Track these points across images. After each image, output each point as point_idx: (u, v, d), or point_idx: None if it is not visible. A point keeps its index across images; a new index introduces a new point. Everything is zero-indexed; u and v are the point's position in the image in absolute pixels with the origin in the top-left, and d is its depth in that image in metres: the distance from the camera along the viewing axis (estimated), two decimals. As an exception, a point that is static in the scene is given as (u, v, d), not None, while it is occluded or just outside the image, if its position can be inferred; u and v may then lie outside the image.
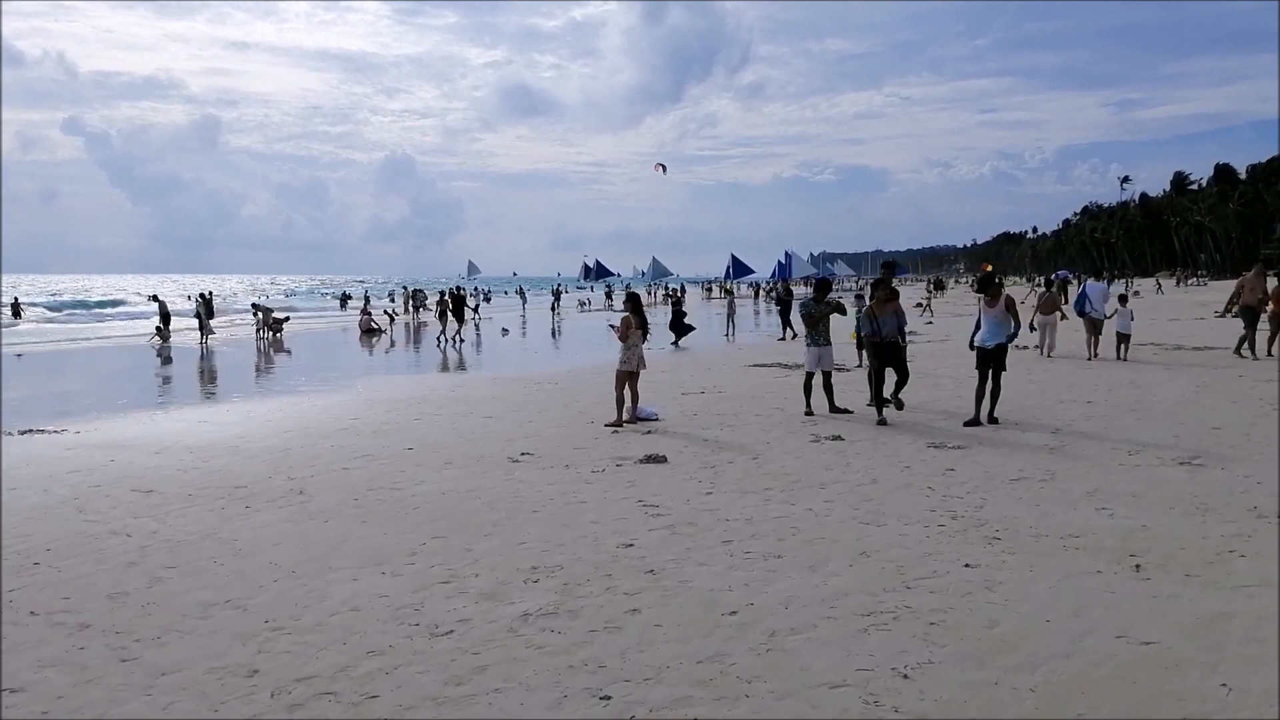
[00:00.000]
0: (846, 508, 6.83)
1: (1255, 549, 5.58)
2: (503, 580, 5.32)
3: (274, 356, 25.91)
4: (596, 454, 9.21)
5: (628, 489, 7.60)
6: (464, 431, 10.81)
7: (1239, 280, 19.00)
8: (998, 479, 7.66)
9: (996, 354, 10.73)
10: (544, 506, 7.07)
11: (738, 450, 9.27)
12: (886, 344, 10.82)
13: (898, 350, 10.95)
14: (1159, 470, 7.85)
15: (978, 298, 11.15)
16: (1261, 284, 17.76)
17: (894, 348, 10.87)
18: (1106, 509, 6.60)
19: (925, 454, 8.83)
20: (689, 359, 20.84)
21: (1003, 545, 5.78)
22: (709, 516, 6.65)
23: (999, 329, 10.80)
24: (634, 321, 11.21)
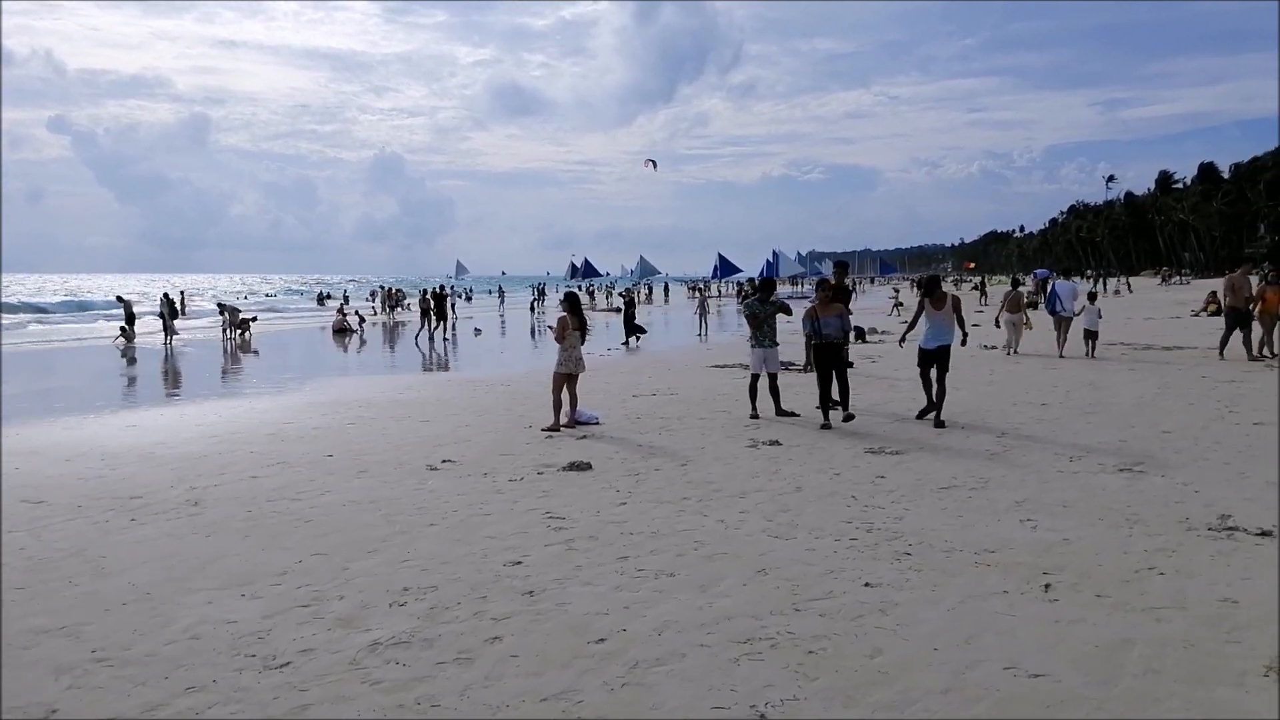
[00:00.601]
0: (760, 519, 6.47)
1: (1176, 565, 5.24)
2: (367, 603, 4.94)
3: (236, 357, 25.42)
4: (521, 461, 8.83)
5: (539, 499, 7.22)
6: (394, 437, 10.41)
7: (1226, 279, 18.16)
8: (927, 487, 7.31)
9: (939, 355, 10.41)
10: (444, 519, 6.69)
11: (668, 456, 8.90)
12: (827, 346, 10.41)
13: (838, 353, 10.50)
14: (1097, 478, 7.52)
15: (922, 299, 10.74)
16: (1248, 284, 17.06)
17: (834, 350, 10.43)
18: (1031, 520, 6.25)
19: (860, 460, 8.49)
20: (650, 360, 20.47)
21: (911, 561, 5.43)
22: (613, 530, 6.28)
23: (944, 331, 10.47)
24: (571, 322, 10.82)
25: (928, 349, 10.50)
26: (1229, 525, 5.96)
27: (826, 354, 10.22)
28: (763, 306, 11.38)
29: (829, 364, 10.18)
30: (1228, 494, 6.83)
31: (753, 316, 11.34)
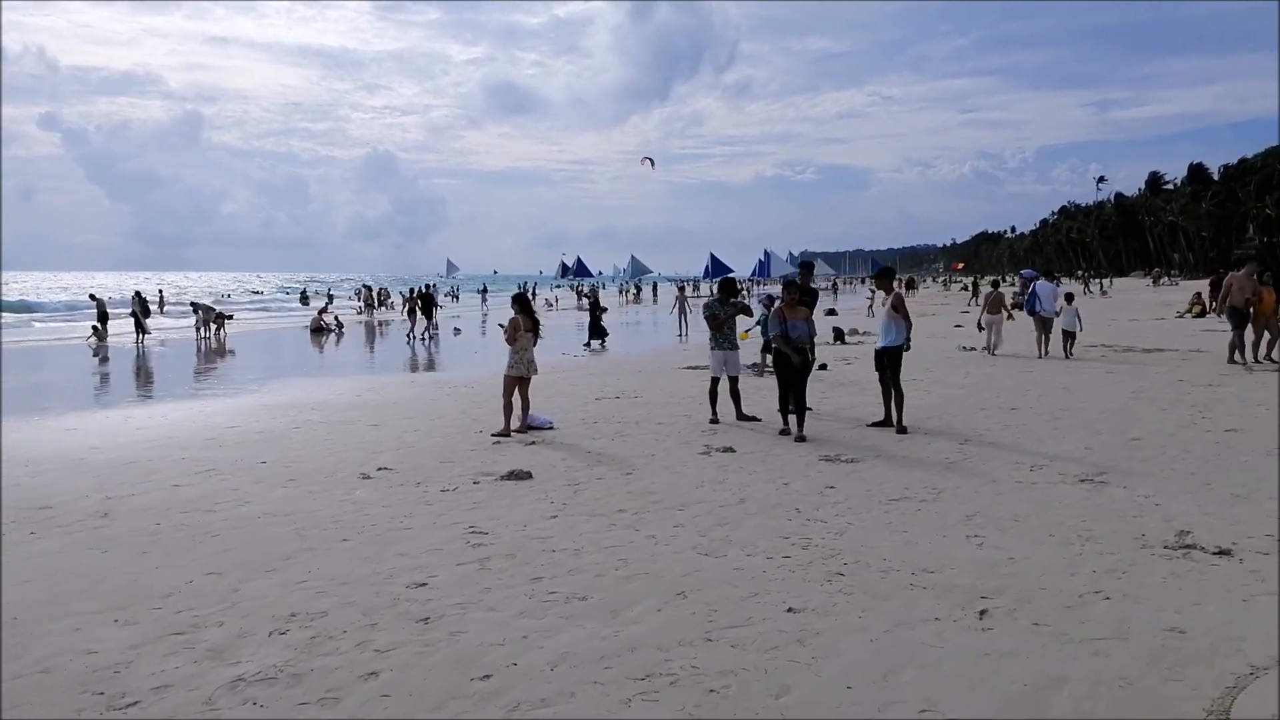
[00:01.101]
0: (694, 534, 6.09)
1: (1125, 588, 4.88)
2: (245, 631, 4.54)
3: (205, 357, 24.96)
4: (460, 469, 8.43)
5: (467, 512, 6.83)
6: (336, 442, 10.01)
7: (1226, 279, 17.14)
8: (876, 499, 6.95)
9: (888, 356, 10.06)
10: (360, 534, 6.30)
11: (615, 464, 8.52)
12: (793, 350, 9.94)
13: (804, 359, 9.95)
14: (1055, 489, 7.16)
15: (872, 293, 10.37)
16: (1251, 283, 15.96)
17: (800, 354, 9.91)
18: (978, 537, 5.89)
19: (813, 468, 8.12)
20: (623, 361, 20.08)
21: (843, 583, 5.06)
22: (535, 547, 5.89)
23: (886, 330, 10.13)
24: (522, 323, 10.43)
25: (876, 350, 10.23)
26: (1186, 543, 5.60)
27: (789, 360, 9.77)
28: (723, 308, 11.01)
29: (793, 369, 9.76)
30: (1189, 508, 6.48)
31: (713, 318, 10.96)
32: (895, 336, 10.09)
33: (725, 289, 11.31)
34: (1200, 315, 31.04)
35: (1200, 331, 24.16)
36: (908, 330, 10.14)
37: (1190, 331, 24.41)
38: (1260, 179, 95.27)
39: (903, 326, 10.12)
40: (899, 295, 10.17)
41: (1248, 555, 5.37)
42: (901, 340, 10.13)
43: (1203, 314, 31.24)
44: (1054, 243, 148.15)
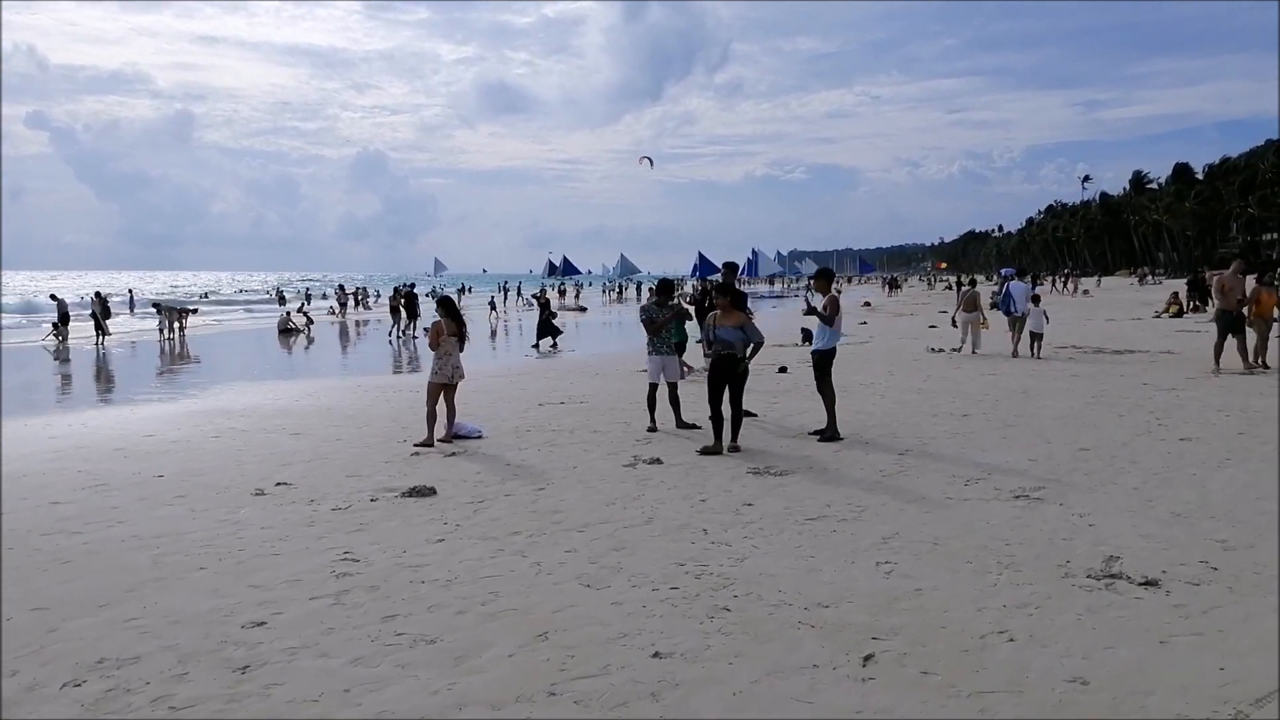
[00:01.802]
0: (584, 561, 5.59)
1: (1033, 628, 4.40)
2: (37, 683, 4.02)
3: (160, 359, 24.34)
4: (365, 484, 7.91)
5: (349, 535, 6.31)
6: (247, 453, 9.46)
7: (1217, 279, 15.93)
8: (793, 518, 6.46)
9: (815, 360, 9.59)
10: (221, 561, 5.77)
11: (530, 478, 8.01)
12: (722, 359, 9.23)
13: (735, 366, 9.24)
14: (985, 507, 6.69)
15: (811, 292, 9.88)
16: (1240, 284, 14.86)
17: (730, 363, 9.23)
18: (889, 564, 5.41)
19: (737, 483, 7.63)
20: (581, 364, 19.54)
21: (727, 620, 4.56)
22: (405, 577, 5.38)
23: (821, 333, 9.65)
24: (446, 327, 9.90)
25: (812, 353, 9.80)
26: (1112, 572, 5.13)
27: (722, 367, 9.28)
28: (660, 310, 10.51)
29: (724, 378, 9.17)
30: (1124, 529, 6.01)
31: (649, 321, 10.46)
32: (829, 339, 9.62)
33: (662, 290, 10.80)
34: (1178, 315, 30.74)
35: (1175, 332, 23.81)
36: (827, 333, 9.65)
37: (1165, 332, 24.06)
38: (1244, 178, 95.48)
39: (837, 330, 9.66)
40: (834, 298, 9.67)
41: (1175, 586, 4.91)
42: (835, 343, 9.66)
43: (1180, 314, 30.95)
44: (1040, 242, 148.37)
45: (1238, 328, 14.64)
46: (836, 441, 9.34)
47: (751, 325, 9.31)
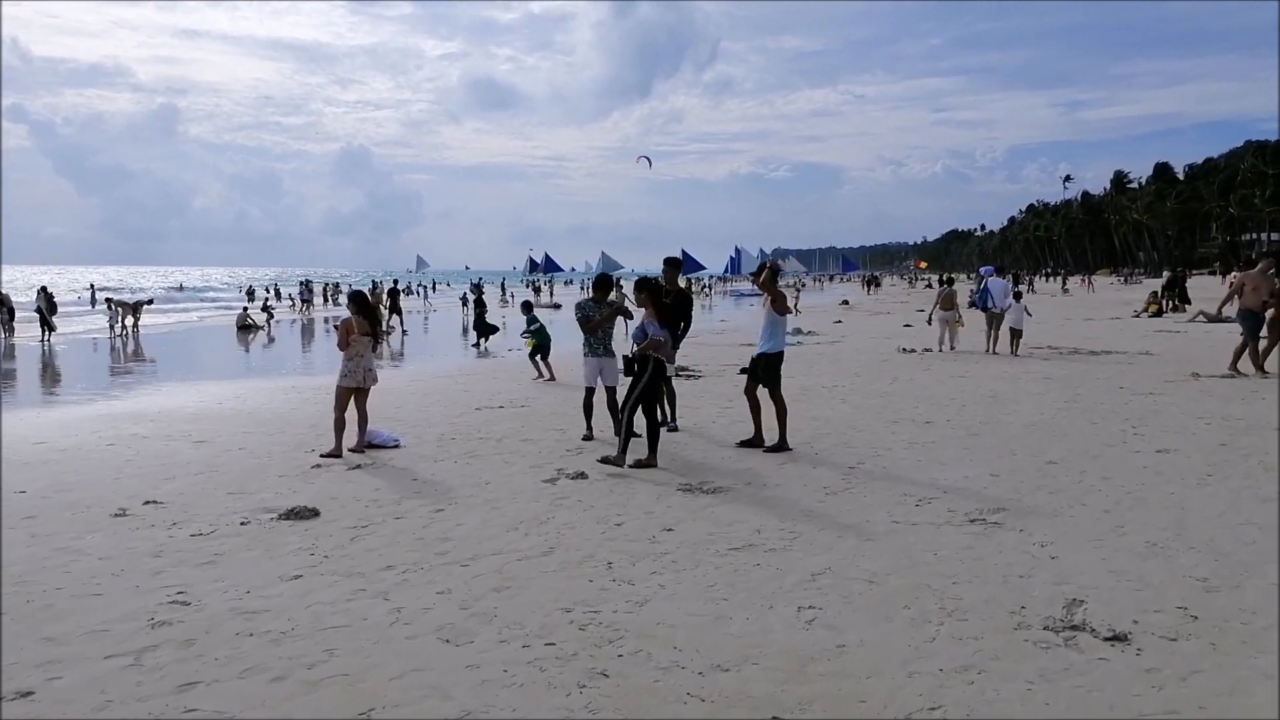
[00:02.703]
0: (455, 606, 4.72)
1: (972, 702, 3.57)
2: None
3: (102, 357, 23.27)
4: (246, 503, 7.00)
5: (195, 569, 5.41)
6: (133, 465, 8.52)
7: (1238, 277, 15.04)
8: (715, 548, 5.61)
9: (766, 363, 8.73)
10: (30, 602, 4.85)
11: (433, 497, 7.13)
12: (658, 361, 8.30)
13: (662, 373, 8.37)
14: (936, 533, 5.87)
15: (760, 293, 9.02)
16: (1269, 283, 13.61)
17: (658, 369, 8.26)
18: (814, 609, 4.57)
19: (662, 503, 6.78)
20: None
21: (599, 689, 3.71)
22: (236, 626, 4.49)
23: (767, 333, 8.80)
24: (356, 326, 8.98)
25: (753, 356, 8.90)
26: (1074, 622, 4.31)
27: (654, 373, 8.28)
28: (597, 308, 9.64)
29: (654, 386, 8.19)
30: (1091, 563, 5.20)
31: (585, 320, 9.58)
32: (777, 341, 8.79)
33: (600, 287, 9.92)
34: (1157, 315, 30.18)
35: (1154, 333, 23.19)
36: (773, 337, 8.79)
37: (1143, 332, 23.44)
38: (1224, 178, 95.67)
39: (782, 329, 8.83)
40: (781, 293, 8.82)
41: (1148, 642, 4.09)
42: (783, 346, 8.84)
43: (1159, 314, 30.39)
44: (1021, 241, 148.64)
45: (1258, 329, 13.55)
46: (784, 452, 8.52)
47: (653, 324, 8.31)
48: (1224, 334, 22.35)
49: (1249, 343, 13.63)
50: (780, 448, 8.60)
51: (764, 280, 8.79)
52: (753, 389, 8.83)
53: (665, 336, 8.27)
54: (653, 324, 8.26)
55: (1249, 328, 13.64)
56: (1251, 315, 13.62)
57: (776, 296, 8.69)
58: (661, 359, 8.17)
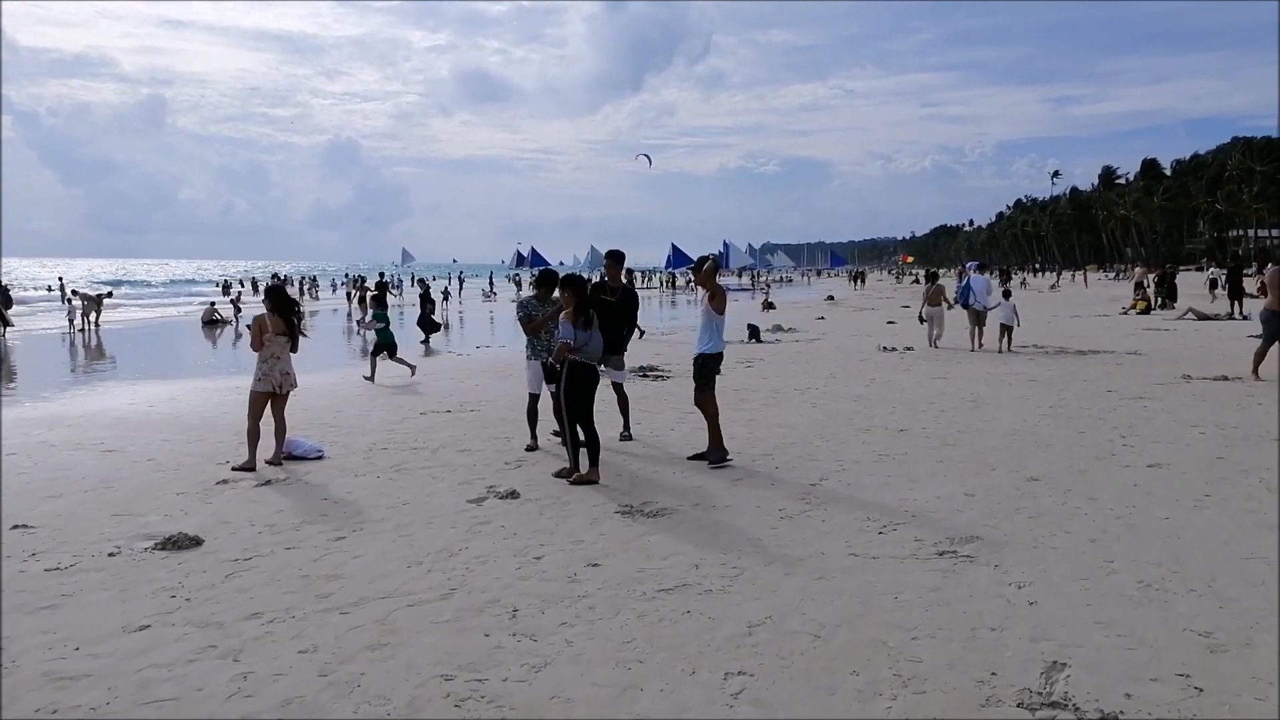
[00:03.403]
0: (313, 671, 3.92)
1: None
2: None
3: (53, 353, 22.33)
4: (126, 527, 6.19)
5: (28, 617, 4.59)
6: (24, 477, 7.67)
7: (1270, 272, 14.12)
8: (641, 590, 4.84)
9: (698, 366, 7.98)
10: None
11: (340, 520, 6.34)
12: (583, 369, 7.43)
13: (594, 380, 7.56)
14: (898, 569, 5.11)
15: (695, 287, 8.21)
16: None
17: (592, 374, 7.51)
18: (744, 676, 3.80)
19: (595, 529, 6.01)
20: (498, 362, 17.72)
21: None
22: (40, 698, 3.69)
23: (702, 333, 8.03)
24: (270, 324, 8.15)
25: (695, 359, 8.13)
26: (1054, 699, 3.55)
27: (583, 379, 7.48)
28: (541, 307, 8.82)
29: (584, 394, 7.46)
30: (1075, 611, 4.45)
31: (528, 320, 8.78)
32: (715, 341, 8.00)
33: (544, 284, 9.10)
34: (1144, 312, 29.58)
35: (1142, 330, 22.56)
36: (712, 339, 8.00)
37: (1131, 330, 22.79)
38: (1211, 175, 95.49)
39: (721, 329, 8.04)
40: (721, 290, 7.99)
41: (1144, 728, 3.35)
42: (721, 347, 8.06)
43: (1147, 310, 29.79)
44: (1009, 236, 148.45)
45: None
46: (725, 465, 7.75)
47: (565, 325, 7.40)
48: (1213, 332, 21.77)
49: (1268, 347, 12.77)
50: (708, 457, 7.84)
51: (704, 275, 7.97)
52: (708, 394, 8.05)
53: (589, 337, 7.43)
54: (565, 325, 7.44)
55: (1272, 330, 12.75)
56: (1275, 316, 12.76)
57: (715, 293, 7.89)
58: (586, 363, 7.39)
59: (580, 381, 7.33)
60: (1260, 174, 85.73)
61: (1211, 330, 22.48)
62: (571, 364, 7.34)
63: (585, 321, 7.38)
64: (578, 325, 7.33)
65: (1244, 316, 25.95)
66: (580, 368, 7.34)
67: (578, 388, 7.31)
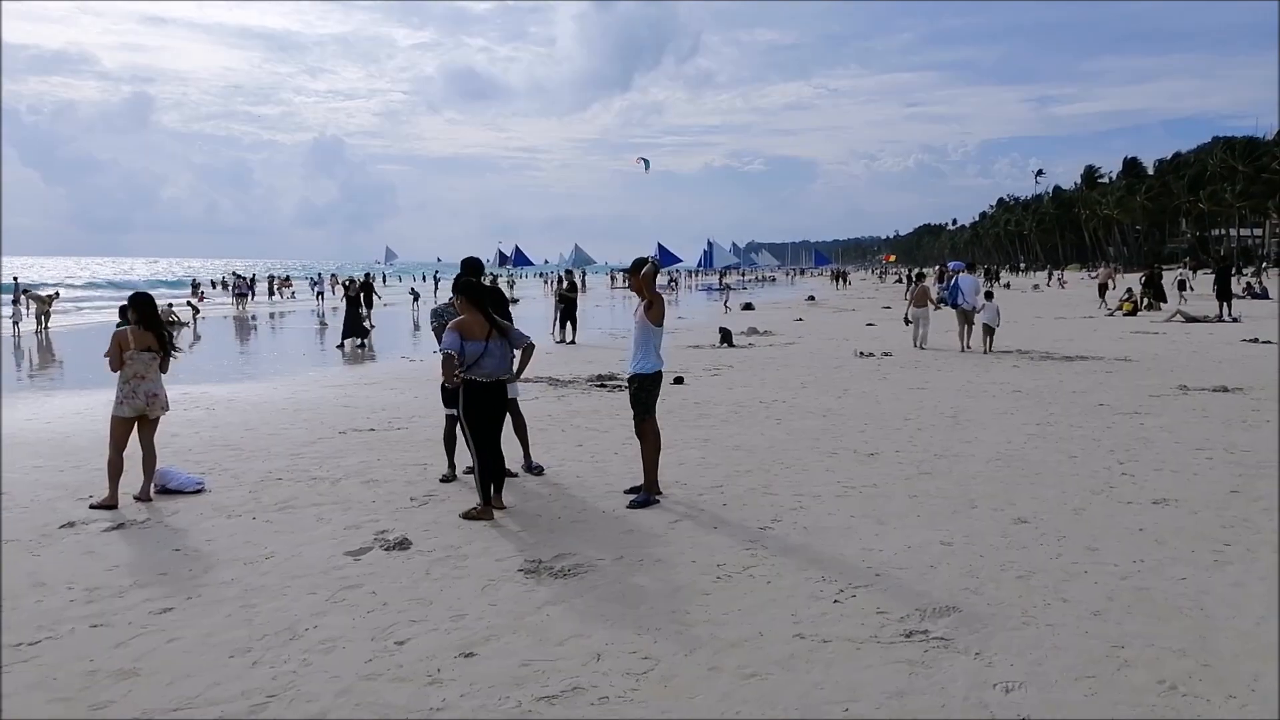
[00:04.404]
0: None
1: None
2: None
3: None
4: (-91, 593, 5.02)
5: None
6: None
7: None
8: (516, 697, 3.72)
9: (644, 388, 6.80)
10: None
11: (180, 582, 5.18)
12: (482, 389, 6.30)
13: (501, 401, 6.49)
14: (854, 658, 4.01)
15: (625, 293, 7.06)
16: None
17: (495, 396, 6.40)
18: None
19: (486, 596, 4.88)
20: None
21: None
22: None
23: (637, 349, 6.88)
24: (134, 339, 6.95)
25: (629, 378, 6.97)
26: None
27: (482, 401, 6.34)
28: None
29: (488, 418, 6.36)
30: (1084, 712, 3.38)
31: (442, 329, 7.63)
32: (651, 359, 6.85)
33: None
34: (1131, 313, 28.72)
35: (1130, 334, 21.63)
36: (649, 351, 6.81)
37: (1119, 334, 21.86)
38: (1193, 174, 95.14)
39: (657, 343, 6.88)
40: (659, 297, 6.79)
41: None
42: (660, 365, 6.90)
43: (1133, 312, 28.94)
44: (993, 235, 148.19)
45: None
46: (652, 506, 6.62)
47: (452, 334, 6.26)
48: (1204, 336, 20.86)
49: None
50: (645, 501, 6.71)
51: (640, 280, 6.78)
52: (647, 420, 6.90)
53: (481, 350, 6.30)
54: (450, 335, 6.33)
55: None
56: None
57: (653, 302, 6.76)
58: (483, 382, 6.28)
59: (478, 403, 6.22)
60: (1243, 173, 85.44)
61: (1202, 334, 21.60)
62: (466, 384, 6.23)
63: (486, 332, 6.27)
64: (474, 336, 6.22)
65: (1234, 319, 25.14)
66: (477, 388, 6.23)
67: (475, 411, 6.21)
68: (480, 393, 6.28)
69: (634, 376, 6.79)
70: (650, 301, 6.70)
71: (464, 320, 6.41)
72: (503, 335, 6.39)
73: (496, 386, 6.36)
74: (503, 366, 6.37)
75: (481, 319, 6.34)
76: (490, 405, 6.33)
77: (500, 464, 6.51)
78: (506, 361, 6.40)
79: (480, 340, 6.27)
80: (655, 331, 6.80)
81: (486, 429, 6.35)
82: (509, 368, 6.44)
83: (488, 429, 6.36)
